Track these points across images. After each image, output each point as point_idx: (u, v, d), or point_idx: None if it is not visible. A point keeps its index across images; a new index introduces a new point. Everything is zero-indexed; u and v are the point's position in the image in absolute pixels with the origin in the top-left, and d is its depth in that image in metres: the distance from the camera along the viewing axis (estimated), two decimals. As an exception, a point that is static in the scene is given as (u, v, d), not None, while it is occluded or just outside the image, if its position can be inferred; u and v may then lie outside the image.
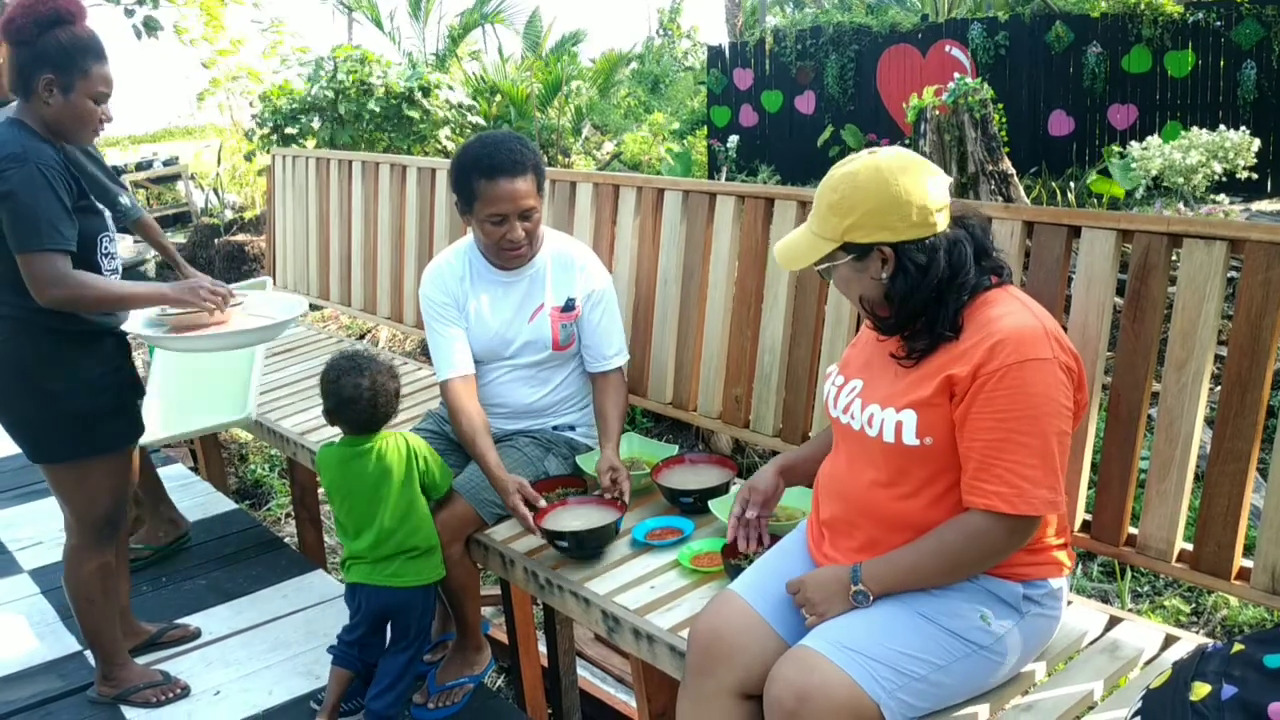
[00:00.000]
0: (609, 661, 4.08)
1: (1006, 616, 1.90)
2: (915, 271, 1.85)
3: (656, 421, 5.95)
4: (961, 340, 1.86)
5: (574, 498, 2.71)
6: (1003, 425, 1.78)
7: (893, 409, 1.89)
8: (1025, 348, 1.79)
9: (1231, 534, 2.07)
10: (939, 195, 1.88)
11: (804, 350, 2.81)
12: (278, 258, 5.09)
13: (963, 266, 1.87)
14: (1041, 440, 1.78)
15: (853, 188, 1.87)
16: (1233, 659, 1.45)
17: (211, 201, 11.93)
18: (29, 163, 2.42)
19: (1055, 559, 1.97)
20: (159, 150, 16.35)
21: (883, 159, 1.88)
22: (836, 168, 1.94)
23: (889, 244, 1.86)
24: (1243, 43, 8.58)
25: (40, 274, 2.45)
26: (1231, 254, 2.06)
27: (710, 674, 1.96)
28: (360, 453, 2.62)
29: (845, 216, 1.87)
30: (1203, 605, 4.21)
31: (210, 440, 4.68)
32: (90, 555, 2.73)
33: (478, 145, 2.75)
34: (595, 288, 2.92)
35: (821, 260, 1.94)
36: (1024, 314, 1.86)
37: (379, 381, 2.60)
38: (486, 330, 2.89)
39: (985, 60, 9.84)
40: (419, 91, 9.50)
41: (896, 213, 1.84)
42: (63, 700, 2.95)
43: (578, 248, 2.98)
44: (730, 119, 12.09)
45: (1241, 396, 2.02)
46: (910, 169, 1.87)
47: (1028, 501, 1.78)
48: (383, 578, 2.61)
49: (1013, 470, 1.78)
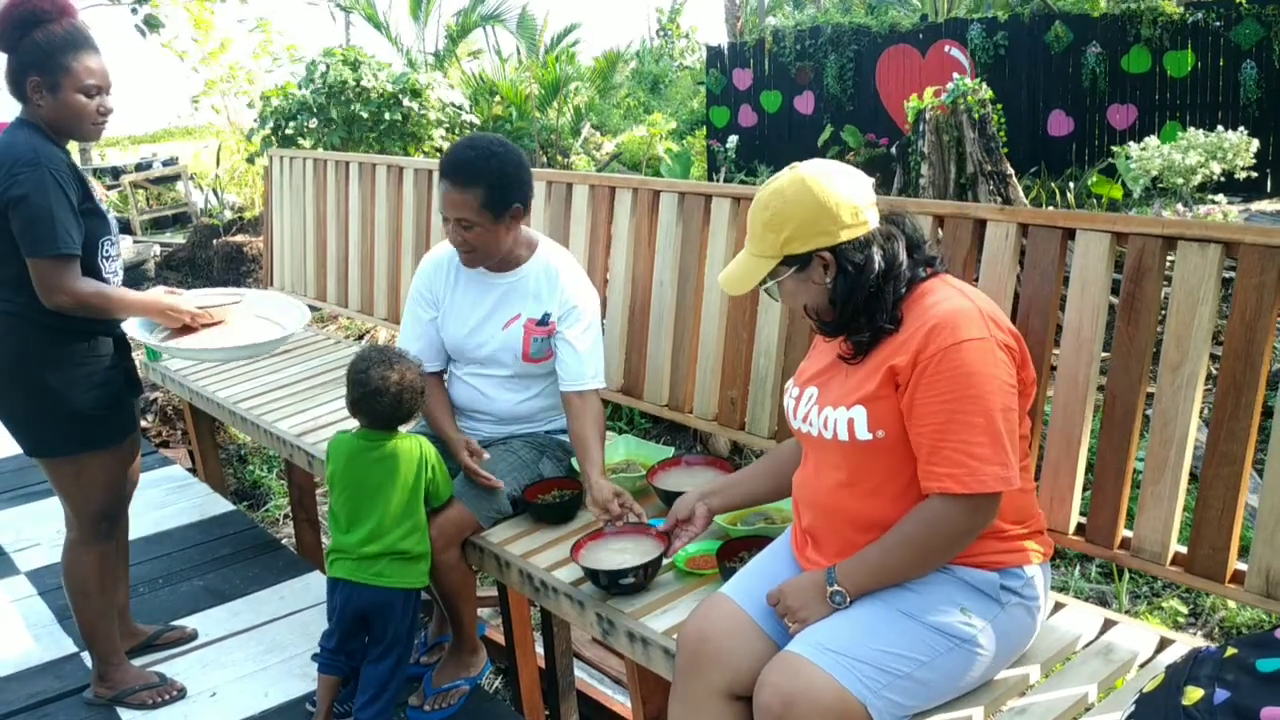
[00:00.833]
0: (606, 663, 4.08)
1: (986, 608, 1.91)
2: (854, 270, 1.91)
3: (654, 423, 5.95)
4: (901, 331, 1.91)
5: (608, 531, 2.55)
6: (946, 407, 1.81)
7: (843, 407, 1.93)
8: (960, 329, 1.83)
9: (1226, 537, 2.07)
10: (865, 194, 1.94)
11: (799, 352, 2.80)
12: (275, 259, 5.09)
13: (895, 258, 1.93)
14: (986, 418, 1.81)
15: (782, 202, 1.92)
16: (1225, 663, 1.45)
17: (211, 202, 11.93)
18: (41, 167, 2.46)
19: (1025, 546, 1.97)
20: (158, 151, 16.37)
21: (804, 170, 1.94)
22: (762, 189, 2.00)
23: (827, 249, 1.91)
24: (1242, 43, 8.58)
25: (52, 279, 2.49)
26: (1226, 256, 2.05)
27: (699, 676, 1.96)
28: (373, 448, 2.62)
29: (780, 230, 1.92)
30: (1201, 606, 4.20)
31: (208, 442, 4.69)
32: (88, 549, 2.76)
33: (453, 145, 2.82)
34: (576, 306, 2.85)
35: (765, 278, 1.98)
36: (958, 298, 1.90)
37: (407, 378, 2.61)
38: (459, 328, 2.92)
39: (984, 60, 9.84)
40: (408, 94, 9.47)
41: (829, 216, 1.89)
42: (59, 701, 2.95)
43: (567, 264, 2.93)
44: (729, 119, 12.09)
45: (1236, 399, 2.02)
46: (833, 174, 1.93)
47: (979, 479, 1.80)
48: (366, 576, 2.58)
49: (960, 450, 1.80)
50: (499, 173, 2.70)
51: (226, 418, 4.05)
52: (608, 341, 3.34)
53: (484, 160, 2.70)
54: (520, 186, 2.76)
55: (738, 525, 2.56)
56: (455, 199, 2.71)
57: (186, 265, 10.48)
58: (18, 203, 2.44)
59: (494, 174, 2.69)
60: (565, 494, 2.82)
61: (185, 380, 4.27)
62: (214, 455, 4.77)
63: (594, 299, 2.93)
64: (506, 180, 2.71)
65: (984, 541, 1.92)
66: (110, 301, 2.63)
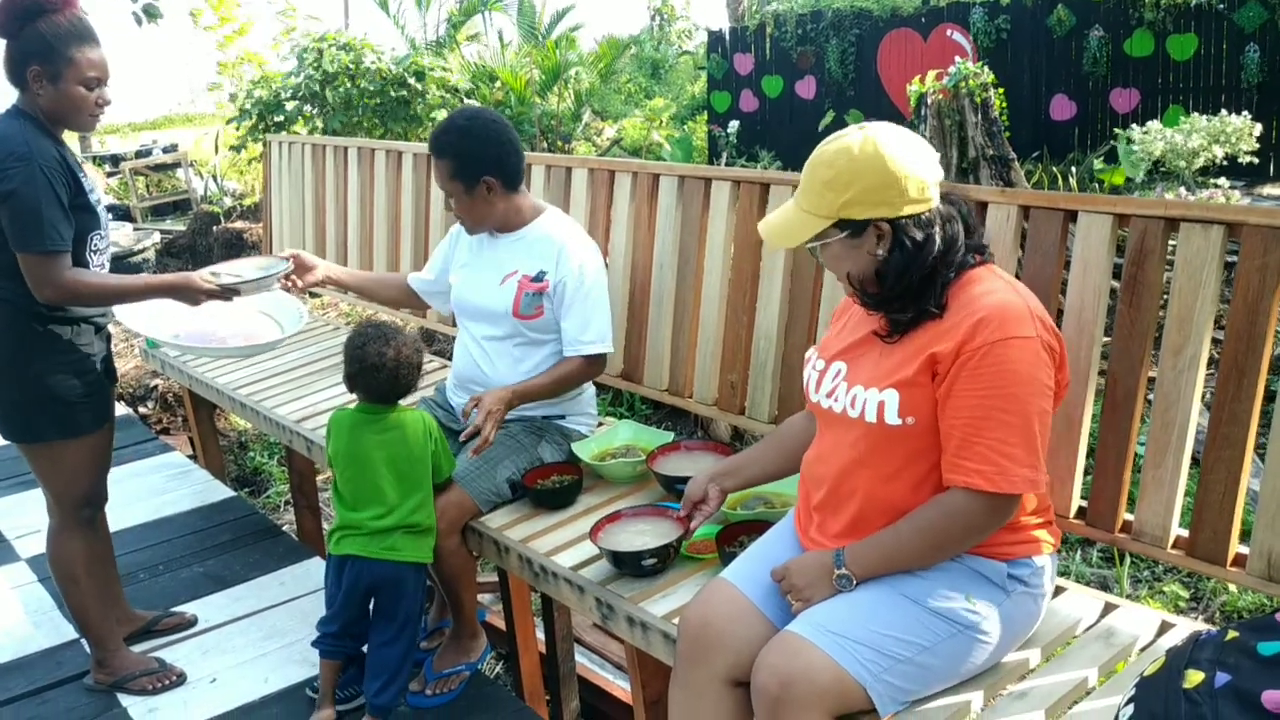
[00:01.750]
0: (607, 648, 4.08)
1: (991, 596, 1.90)
2: (912, 247, 1.85)
3: (655, 408, 5.94)
4: (945, 318, 1.86)
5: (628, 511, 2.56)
6: (985, 403, 1.78)
7: (875, 389, 1.89)
8: (1009, 325, 1.79)
9: (1228, 520, 2.06)
10: (933, 169, 1.88)
11: (799, 336, 2.79)
12: (274, 244, 5.07)
13: (955, 240, 1.88)
14: (1023, 419, 1.78)
15: (850, 163, 1.84)
16: (1226, 646, 1.44)
17: (211, 189, 11.90)
18: (33, 161, 2.46)
19: (1037, 537, 1.96)
20: (159, 137, 16.30)
21: (876, 134, 1.86)
22: (828, 143, 1.91)
23: (887, 219, 1.85)
24: (1246, 26, 8.52)
25: (39, 274, 2.51)
26: (1229, 238, 2.04)
27: (701, 662, 1.95)
28: (376, 421, 2.61)
29: (842, 192, 1.85)
30: (1202, 591, 4.20)
31: (208, 428, 4.68)
32: (71, 535, 2.77)
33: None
34: (575, 265, 2.85)
35: (814, 238, 1.92)
36: (1008, 291, 1.86)
37: (404, 353, 2.61)
38: (467, 283, 3.00)
39: (986, 44, 9.79)
40: (412, 76, 9.43)
41: (895, 188, 1.83)
42: (59, 688, 2.95)
43: (566, 227, 2.95)
44: (731, 104, 12.05)
45: (1238, 382, 2.01)
46: (905, 143, 1.86)
47: (1009, 479, 1.77)
48: (379, 550, 2.56)
49: (994, 448, 1.78)
50: (462, 147, 2.78)
51: (226, 404, 4.04)
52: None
53: (449, 134, 2.80)
54: (487, 161, 2.79)
55: (737, 510, 2.56)
56: (435, 170, 2.87)
57: (187, 252, 10.45)
58: (7, 197, 2.45)
59: (458, 148, 2.79)
60: (565, 479, 2.82)
61: (185, 367, 4.26)
62: (214, 442, 4.76)
63: (594, 264, 2.91)
64: (471, 154, 2.78)
65: (996, 533, 1.90)
66: (105, 291, 2.63)
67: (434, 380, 3.56)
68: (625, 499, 2.78)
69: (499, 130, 2.82)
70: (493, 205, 2.85)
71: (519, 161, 2.87)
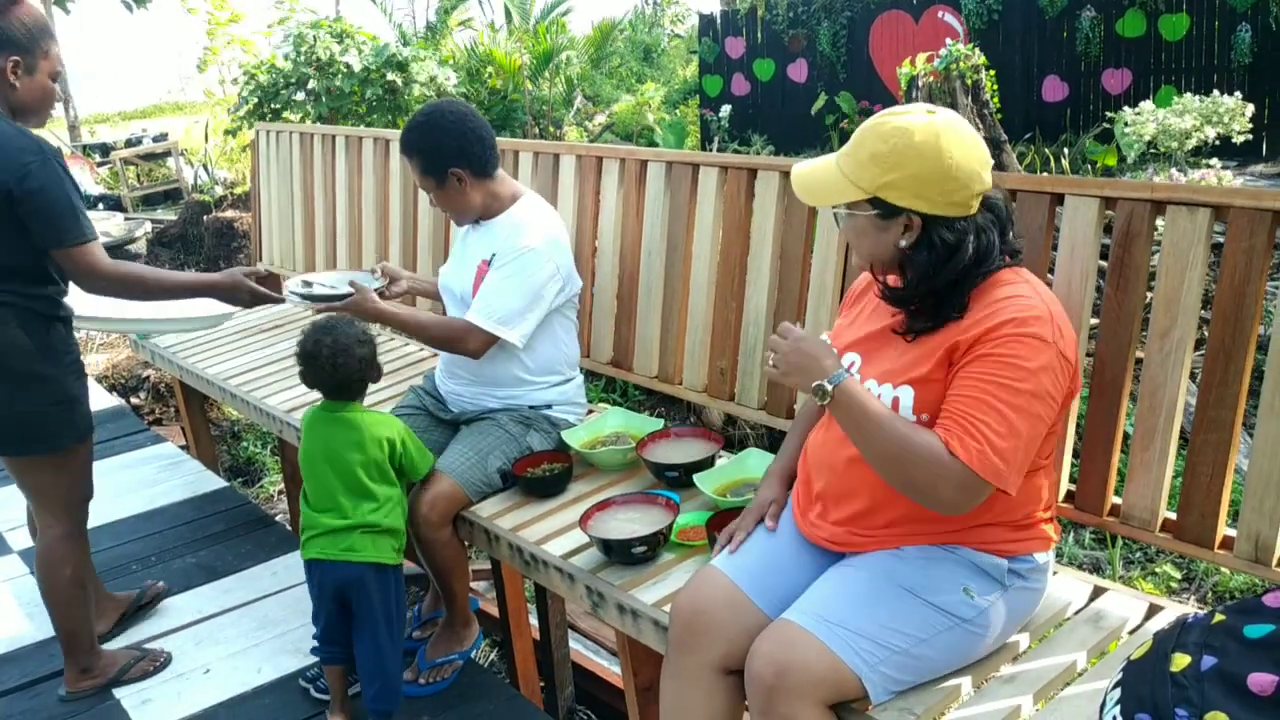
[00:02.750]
0: (601, 634, 4.09)
1: (990, 590, 1.89)
2: (942, 249, 1.81)
3: (647, 395, 5.94)
4: (965, 318, 1.82)
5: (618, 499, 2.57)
6: (988, 387, 1.75)
7: (890, 385, 1.87)
8: (1029, 325, 1.76)
9: (1215, 503, 2.06)
10: (983, 179, 1.82)
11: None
12: (263, 233, 5.05)
13: (988, 255, 1.83)
14: (1018, 416, 1.74)
15: (906, 145, 1.78)
16: (1213, 629, 1.44)
17: (202, 178, 11.86)
18: (46, 154, 2.45)
19: (1043, 533, 1.96)
20: (148, 126, 16.21)
21: (943, 125, 1.80)
22: (889, 115, 1.84)
23: (920, 214, 1.81)
24: (1237, 5, 8.50)
25: (86, 265, 2.51)
26: (1215, 220, 2.03)
27: (693, 650, 1.95)
28: (336, 420, 2.59)
29: (887, 172, 1.80)
30: (1194, 571, 4.22)
31: (200, 419, 4.68)
32: (74, 542, 2.70)
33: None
34: (517, 244, 2.81)
35: (843, 205, 1.88)
36: (1033, 298, 1.81)
37: (341, 342, 2.56)
38: (447, 270, 3.07)
39: (978, 25, 9.77)
40: (392, 68, 9.36)
41: (939, 186, 1.78)
42: (51, 681, 2.94)
43: (534, 214, 2.91)
44: (722, 88, 12.01)
45: (1225, 364, 2.01)
46: (966, 143, 1.81)
47: (985, 463, 1.72)
48: (337, 552, 2.52)
49: (984, 428, 1.74)
50: (425, 144, 2.80)
51: (217, 394, 4.03)
52: (597, 313, 3.33)
53: (412, 132, 2.82)
54: (451, 153, 2.78)
55: (727, 496, 2.56)
56: (409, 165, 2.88)
57: (179, 241, 10.43)
58: (36, 193, 2.42)
59: (421, 144, 2.80)
60: (555, 467, 2.81)
61: (175, 357, 4.25)
62: (206, 432, 4.75)
63: (536, 254, 2.81)
64: (432, 152, 2.79)
65: (997, 529, 1.89)
66: (149, 283, 2.66)
67: (424, 369, 3.55)
68: (615, 486, 2.78)
69: (458, 120, 2.79)
70: (468, 195, 2.84)
71: (485, 149, 2.83)
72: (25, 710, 2.84)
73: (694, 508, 2.58)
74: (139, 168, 13.31)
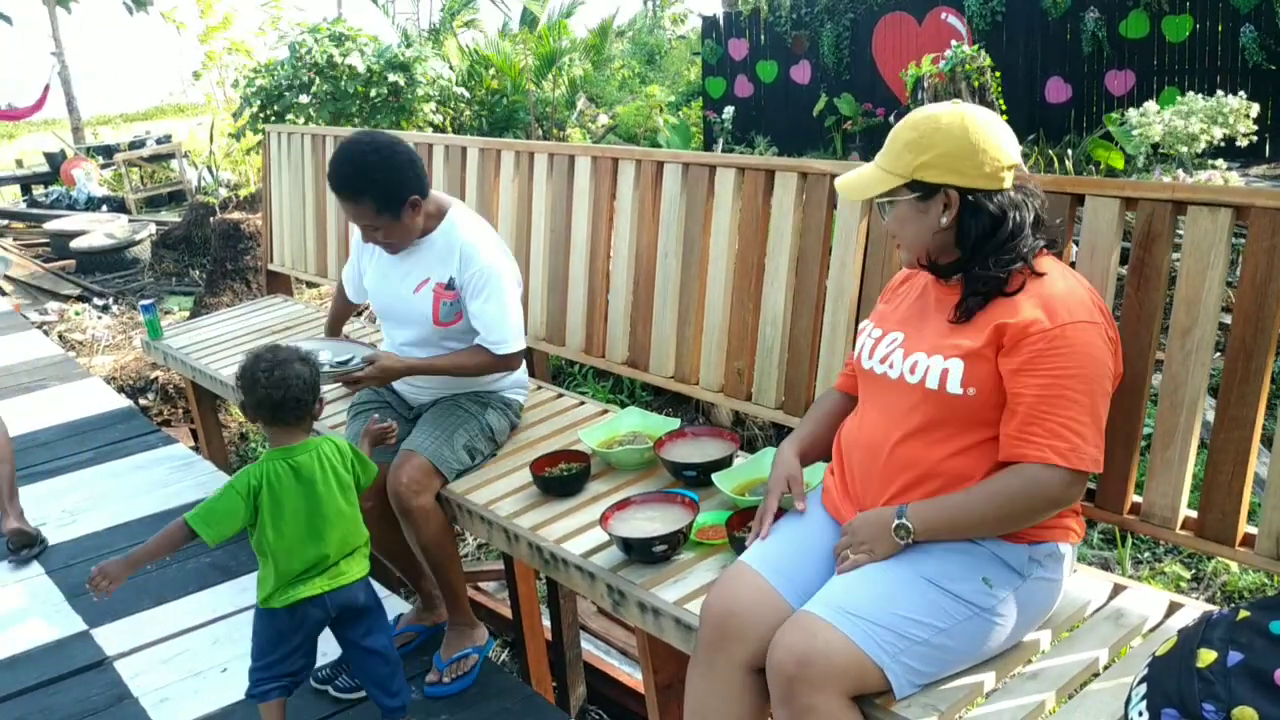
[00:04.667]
0: (612, 634, 4.11)
1: (1009, 580, 1.91)
2: (985, 218, 1.91)
3: (656, 395, 5.95)
4: (1014, 297, 1.90)
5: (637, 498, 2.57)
6: (1057, 381, 1.83)
7: (940, 356, 1.93)
8: (1077, 310, 1.86)
9: (1236, 501, 2.07)
10: (1012, 155, 1.94)
11: (806, 322, 2.80)
12: (275, 236, 5.06)
13: (1022, 228, 1.93)
14: (1091, 399, 1.84)
15: (934, 128, 1.92)
16: (1238, 625, 1.46)
17: (206, 180, 11.87)
18: None
19: (1066, 524, 1.98)
20: (152, 128, 16.25)
21: (966, 109, 1.95)
22: (919, 111, 1.99)
23: (956, 188, 1.91)
24: (1241, 6, 8.51)
25: None
26: (1236, 220, 2.05)
27: (724, 650, 1.95)
28: (298, 464, 2.39)
29: (920, 154, 1.92)
30: (1203, 571, 4.23)
31: (211, 420, 4.69)
32: None
33: (333, 157, 2.80)
34: (476, 276, 2.88)
35: (884, 194, 1.98)
36: (1072, 280, 1.93)
37: (280, 356, 2.39)
38: (382, 289, 3.05)
39: (982, 27, 9.78)
40: (394, 69, 9.36)
41: (971, 159, 1.89)
42: (67, 680, 2.96)
43: (469, 231, 2.94)
44: (726, 90, 12.02)
45: (1246, 363, 2.02)
46: (992, 124, 1.94)
47: (1079, 456, 1.82)
48: (336, 583, 2.41)
49: (1066, 425, 1.82)
50: (381, 181, 2.76)
51: (232, 395, 4.04)
52: (612, 315, 3.34)
53: (362, 174, 2.75)
54: (406, 182, 2.79)
55: (745, 496, 2.57)
56: (352, 211, 2.82)
57: (183, 244, 10.44)
58: None
59: (377, 184, 2.76)
60: (573, 466, 2.82)
61: (187, 358, 4.26)
62: (217, 433, 4.76)
63: (501, 264, 2.94)
64: (391, 185, 2.77)
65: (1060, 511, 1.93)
66: None
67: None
68: (633, 486, 2.79)
69: (396, 146, 2.80)
70: (417, 217, 2.88)
71: (423, 166, 2.90)
72: (44, 708, 2.86)
73: (713, 507, 2.59)
74: (142, 170, 13.33)
